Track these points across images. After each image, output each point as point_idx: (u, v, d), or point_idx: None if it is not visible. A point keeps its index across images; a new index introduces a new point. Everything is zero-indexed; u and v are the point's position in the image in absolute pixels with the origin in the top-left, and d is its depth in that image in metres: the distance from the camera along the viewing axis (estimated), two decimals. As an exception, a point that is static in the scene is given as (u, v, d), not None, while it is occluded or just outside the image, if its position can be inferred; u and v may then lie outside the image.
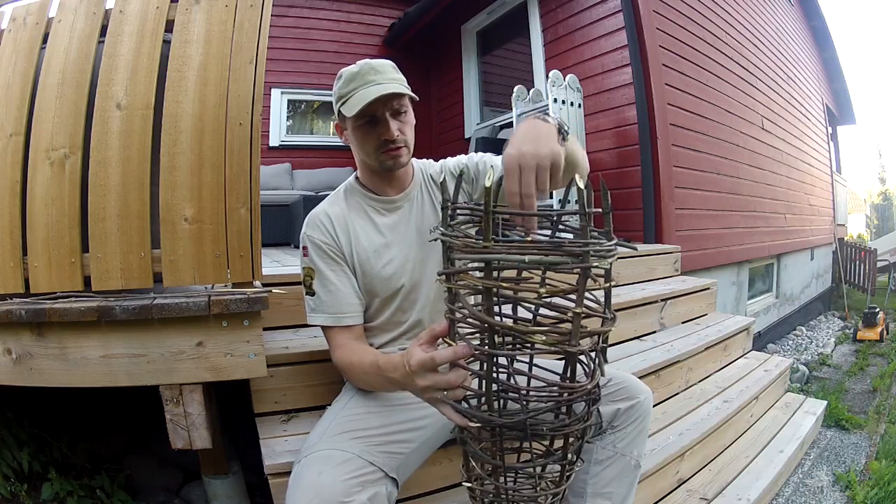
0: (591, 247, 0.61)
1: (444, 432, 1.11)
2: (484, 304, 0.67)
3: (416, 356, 0.76)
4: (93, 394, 1.30)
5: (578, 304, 0.64)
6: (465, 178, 1.21)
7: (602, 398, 1.09)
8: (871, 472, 2.02)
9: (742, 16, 4.50)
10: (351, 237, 1.13)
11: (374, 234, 1.15)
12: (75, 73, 1.23)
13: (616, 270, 2.74)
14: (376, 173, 1.15)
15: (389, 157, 1.10)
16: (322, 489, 0.84)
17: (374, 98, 1.01)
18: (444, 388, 0.74)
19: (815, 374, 3.70)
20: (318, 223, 1.12)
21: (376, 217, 1.17)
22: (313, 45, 5.32)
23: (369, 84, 1.04)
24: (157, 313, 1.12)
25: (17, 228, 1.20)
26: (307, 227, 1.13)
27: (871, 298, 6.27)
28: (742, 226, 4.10)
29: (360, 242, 1.13)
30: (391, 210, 1.18)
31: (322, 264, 1.11)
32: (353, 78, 1.05)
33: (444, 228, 0.72)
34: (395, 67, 1.10)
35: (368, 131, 1.08)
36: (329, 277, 1.10)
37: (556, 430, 0.70)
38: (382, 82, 1.04)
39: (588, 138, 3.30)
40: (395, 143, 1.08)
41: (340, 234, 1.12)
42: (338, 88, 1.08)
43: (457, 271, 0.70)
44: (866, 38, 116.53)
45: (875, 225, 24.84)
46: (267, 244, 2.67)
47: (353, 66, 1.07)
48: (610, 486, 1.09)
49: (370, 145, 1.09)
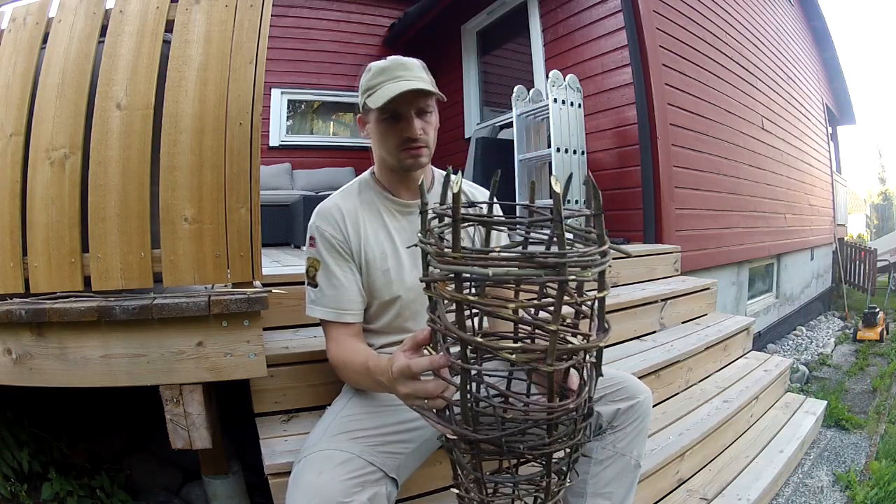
0: (570, 257, 0.57)
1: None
2: (457, 316, 0.64)
3: (397, 363, 0.76)
4: (93, 394, 1.30)
5: (554, 321, 0.59)
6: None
7: (602, 398, 1.09)
8: (871, 472, 2.02)
9: (742, 16, 4.50)
10: (360, 235, 1.12)
11: (383, 236, 1.14)
12: (75, 73, 1.23)
13: (616, 270, 2.75)
14: (394, 172, 1.15)
15: (410, 156, 1.09)
16: (322, 489, 0.84)
17: (401, 91, 1.01)
18: (424, 396, 0.73)
19: (815, 374, 3.70)
20: (330, 216, 1.12)
21: (388, 219, 1.16)
22: (313, 45, 5.32)
23: (397, 79, 1.03)
24: (157, 313, 1.12)
25: (17, 228, 1.20)
26: (317, 219, 1.12)
27: (871, 298, 6.27)
28: (742, 226, 4.10)
29: (369, 241, 1.13)
30: (403, 214, 1.17)
31: (329, 258, 1.10)
32: (382, 71, 1.05)
33: (422, 234, 0.70)
34: (425, 67, 1.10)
35: (391, 126, 1.07)
36: (335, 272, 1.10)
37: (535, 448, 0.67)
38: (411, 79, 1.04)
39: (588, 138, 3.30)
40: (417, 141, 1.08)
41: (351, 231, 1.11)
42: (365, 80, 1.08)
43: (432, 279, 0.67)
44: (866, 38, 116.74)
45: (875, 225, 24.84)
46: (267, 244, 2.67)
47: (383, 61, 1.07)
48: (610, 486, 1.09)
49: (391, 142, 1.08)
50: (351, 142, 5.65)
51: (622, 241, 3.16)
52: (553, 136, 3.08)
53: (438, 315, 0.68)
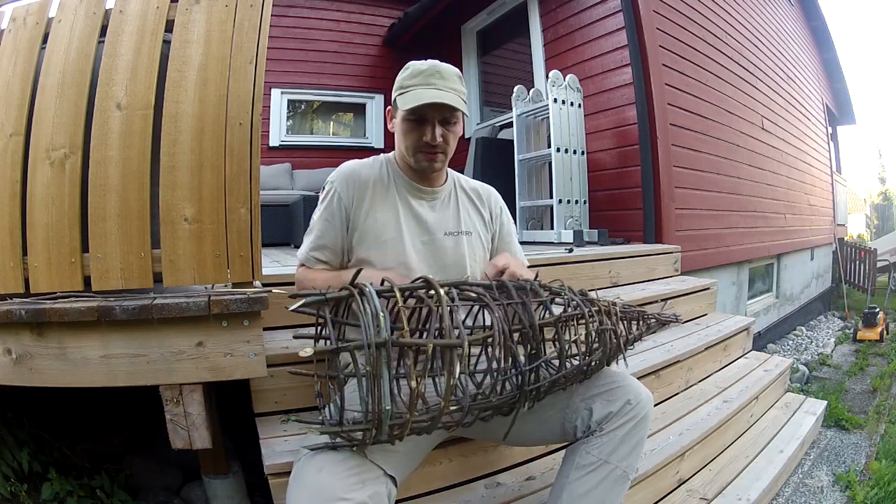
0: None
1: (442, 431, 1.11)
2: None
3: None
4: (93, 394, 1.30)
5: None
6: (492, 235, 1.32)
7: (596, 396, 1.08)
8: (871, 472, 2.02)
9: (742, 16, 4.50)
10: (366, 203, 1.17)
11: (391, 210, 1.19)
12: (75, 73, 1.23)
13: (616, 271, 2.75)
14: (410, 166, 1.21)
15: (425, 159, 1.15)
16: (322, 486, 0.84)
17: (427, 102, 1.07)
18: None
19: (815, 374, 3.70)
20: (350, 181, 1.19)
21: (400, 197, 1.21)
22: (313, 45, 5.32)
23: (431, 87, 1.09)
24: (157, 313, 1.12)
25: (17, 228, 1.20)
26: (337, 178, 1.20)
27: (871, 298, 6.28)
28: (742, 226, 4.11)
29: (376, 212, 1.18)
30: (416, 197, 1.22)
31: (326, 214, 1.19)
32: (418, 74, 1.10)
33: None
34: (460, 78, 1.15)
35: (414, 128, 1.13)
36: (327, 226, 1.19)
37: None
38: (443, 89, 1.09)
39: (588, 138, 3.30)
40: (436, 148, 1.13)
41: (357, 199, 1.17)
42: (401, 79, 1.13)
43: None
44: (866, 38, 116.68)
45: (875, 225, 24.80)
46: (267, 244, 2.67)
47: (423, 63, 1.12)
48: (589, 497, 1.03)
49: (410, 141, 1.14)
50: (351, 142, 5.65)
51: (623, 241, 3.16)
52: (553, 136, 3.08)
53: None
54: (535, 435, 1.19)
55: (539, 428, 1.15)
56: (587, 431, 1.08)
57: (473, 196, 1.30)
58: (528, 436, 1.19)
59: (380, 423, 0.74)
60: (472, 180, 1.35)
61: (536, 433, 1.18)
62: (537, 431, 1.16)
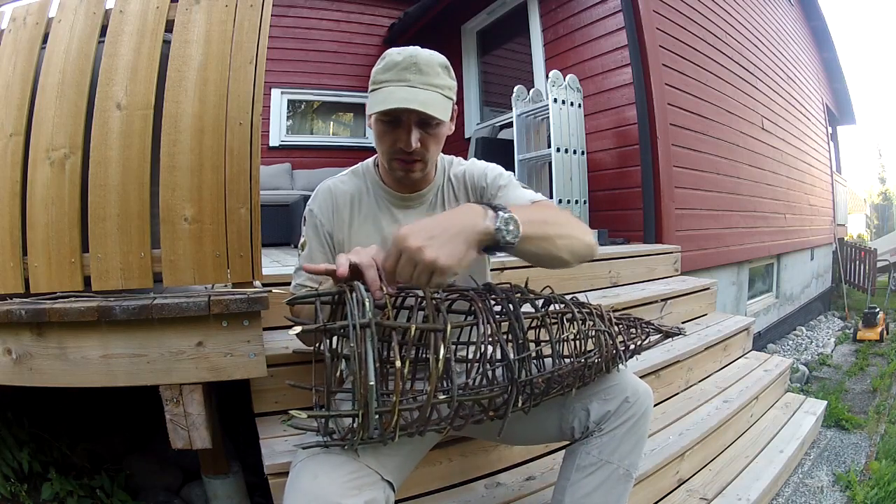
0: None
1: (435, 434, 1.11)
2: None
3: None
4: (93, 394, 1.30)
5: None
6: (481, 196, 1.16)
7: (594, 394, 1.05)
8: (871, 472, 2.02)
9: (742, 16, 4.50)
10: (347, 221, 1.11)
11: (371, 225, 1.11)
12: (75, 73, 1.23)
13: (616, 271, 2.75)
14: (388, 171, 1.09)
15: (400, 168, 1.02)
16: (318, 492, 0.83)
17: (394, 108, 0.92)
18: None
19: (815, 374, 3.70)
20: (324, 203, 1.12)
21: (383, 209, 1.12)
22: (313, 45, 5.32)
23: (403, 83, 0.92)
24: (157, 313, 1.12)
25: (17, 228, 1.20)
26: (313, 201, 1.13)
27: (871, 298, 6.28)
28: (742, 226, 4.11)
29: (359, 228, 1.11)
30: (398, 207, 1.12)
31: (313, 239, 1.12)
32: (392, 67, 0.94)
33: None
34: (446, 68, 0.98)
35: (387, 131, 0.98)
36: (314, 251, 1.12)
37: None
38: (418, 86, 0.93)
39: (588, 138, 3.30)
40: (411, 155, 0.98)
41: (336, 217, 1.11)
42: (374, 72, 0.97)
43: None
44: (866, 38, 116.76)
45: (875, 225, 24.81)
46: (267, 244, 2.67)
47: (399, 53, 0.95)
48: (592, 498, 1.00)
49: (384, 146, 1.01)
50: (351, 142, 5.65)
51: (623, 241, 3.16)
52: (553, 136, 3.08)
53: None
54: (532, 435, 1.17)
55: (536, 428, 1.12)
56: (586, 432, 1.05)
57: (462, 186, 1.16)
58: (524, 435, 1.17)
59: (367, 406, 0.73)
60: (463, 163, 1.18)
61: (533, 433, 1.15)
62: (534, 432, 1.13)
